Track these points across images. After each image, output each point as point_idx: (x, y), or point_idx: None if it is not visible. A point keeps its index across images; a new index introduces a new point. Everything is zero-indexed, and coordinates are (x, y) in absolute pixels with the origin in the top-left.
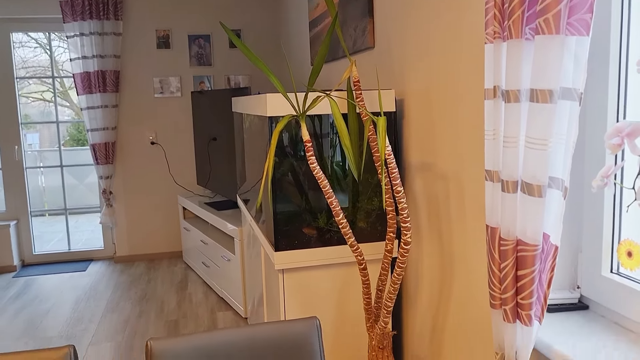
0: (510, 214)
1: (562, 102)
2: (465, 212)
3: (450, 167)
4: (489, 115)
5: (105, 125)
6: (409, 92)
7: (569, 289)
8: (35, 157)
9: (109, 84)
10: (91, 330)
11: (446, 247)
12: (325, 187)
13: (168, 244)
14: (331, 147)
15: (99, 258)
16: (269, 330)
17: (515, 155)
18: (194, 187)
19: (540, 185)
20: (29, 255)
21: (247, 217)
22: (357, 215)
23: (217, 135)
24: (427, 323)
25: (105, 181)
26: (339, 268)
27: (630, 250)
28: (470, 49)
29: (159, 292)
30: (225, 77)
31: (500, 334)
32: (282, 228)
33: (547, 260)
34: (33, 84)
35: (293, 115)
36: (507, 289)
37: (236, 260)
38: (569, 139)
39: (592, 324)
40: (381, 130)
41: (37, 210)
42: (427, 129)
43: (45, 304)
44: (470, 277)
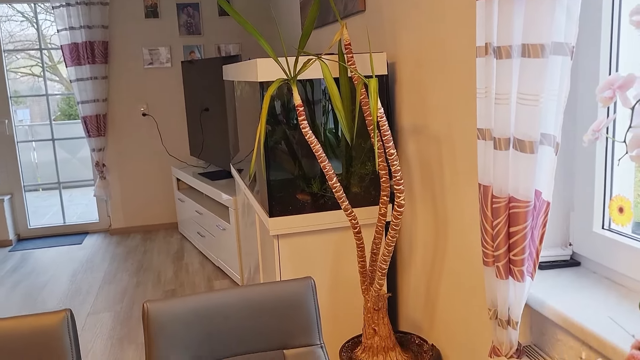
0: (503, 172)
1: (553, 57)
2: (458, 173)
3: (442, 128)
4: (481, 73)
5: (96, 97)
6: (400, 55)
7: (561, 246)
8: (26, 131)
9: (98, 55)
10: (89, 301)
11: (440, 208)
12: (318, 151)
13: (163, 216)
14: (324, 114)
15: (94, 231)
16: (265, 291)
17: (507, 112)
18: (187, 158)
19: (532, 142)
20: (24, 230)
21: (242, 186)
22: (350, 180)
23: (209, 105)
24: (421, 284)
25: (97, 154)
26: (334, 233)
27: (622, 206)
28: (462, 7)
29: (156, 263)
30: (216, 46)
31: (493, 291)
32: (276, 194)
33: (539, 217)
34: (21, 58)
35: (284, 80)
36: (500, 246)
37: (231, 229)
38: (560, 94)
39: (583, 280)
40: (373, 92)
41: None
42: (419, 91)
43: (43, 276)
44: (463, 237)
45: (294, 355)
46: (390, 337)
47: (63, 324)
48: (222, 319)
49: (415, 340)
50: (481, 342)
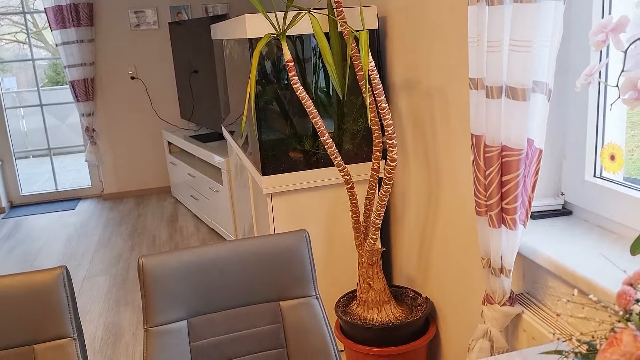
0: (495, 121)
1: (546, 1)
2: (451, 126)
3: (434, 81)
4: (472, 21)
5: (83, 61)
6: (391, 9)
7: (553, 195)
8: (13, 98)
9: (83, 17)
10: (85, 265)
11: (432, 162)
12: (309, 107)
13: (156, 179)
14: (314, 72)
15: (87, 196)
16: (259, 243)
17: (499, 60)
18: (177, 121)
19: (525, 89)
20: (17, 197)
21: (234, 147)
22: (342, 137)
23: (198, 67)
24: (414, 238)
25: (87, 119)
26: (327, 190)
27: (614, 154)
28: None
29: (150, 227)
30: (203, 6)
31: (485, 240)
32: (269, 153)
33: (532, 165)
34: (5, 25)
35: (273, 34)
36: (492, 195)
37: (225, 190)
38: (553, 40)
39: (574, 228)
40: (364, 45)
41: (20, 151)
42: (410, 45)
43: (37, 242)
44: (456, 190)
45: (290, 306)
46: (384, 291)
47: (59, 280)
48: (217, 273)
49: (410, 294)
50: (474, 292)
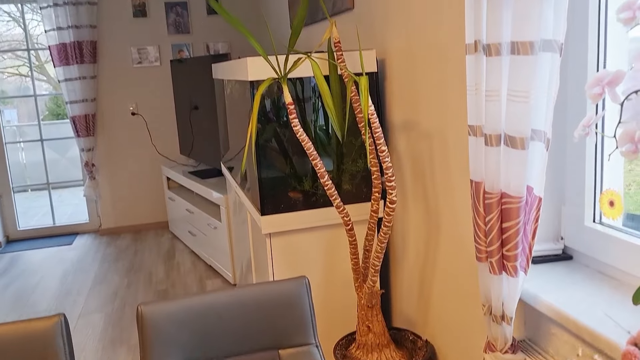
0: (494, 168)
1: (543, 54)
2: (450, 169)
3: (433, 124)
4: (471, 70)
5: (85, 97)
6: (389, 52)
7: (553, 240)
8: (14, 132)
9: (86, 54)
10: (80, 302)
11: (432, 204)
12: (309, 149)
13: (153, 215)
14: (314, 111)
15: (84, 231)
16: (259, 291)
17: (498, 109)
18: (177, 157)
19: (523, 138)
20: (14, 231)
21: (233, 184)
22: (342, 177)
23: (198, 103)
24: (414, 280)
25: (87, 154)
26: (326, 230)
27: (612, 200)
28: (451, 4)
29: (147, 263)
30: (205, 44)
31: (486, 286)
32: (268, 192)
33: (531, 212)
34: (8, 58)
35: (274, 78)
36: (493, 241)
37: (223, 227)
38: (550, 91)
39: (576, 274)
40: (364, 90)
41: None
42: (409, 88)
43: (33, 278)
44: (455, 233)
45: (289, 355)
46: (384, 334)
47: (56, 329)
48: (216, 320)
49: (410, 337)
50: (475, 337)
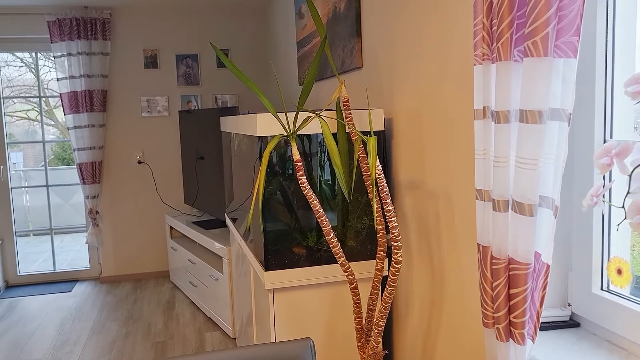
0: (502, 233)
1: (551, 122)
2: (456, 231)
3: (440, 185)
4: (479, 135)
5: (92, 145)
6: (397, 112)
7: (559, 306)
8: (19, 176)
9: (97, 103)
10: (77, 352)
11: (437, 265)
12: (315, 206)
13: (155, 264)
14: (319, 166)
15: (84, 278)
16: (262, 352)
17: (506, 175)
18: (181, 206)
19: (531, 204)
20: (14, 276)
21: (236, 236)
22: (346, 234)
23: (204, 154)
24: (418, 342)
25: (91, 201)
26: (329, 287)
27: (620, 268)
28: (459, 68)
29: (146, 313)
30: (213, 96)
31: (493, 353)
32: (272, 247)
33: (539, 279)
34: (17, 102)
35: (283, 135)
36: (500, 307)
37: (224, 279)
38: (558, 159)
39: (583, 342)
40: (372, 150)
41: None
42: (416, 148)
43: (30, 325)
44: (461, 296)
45: None
46: None
47: None
48: None
49: None
50: None
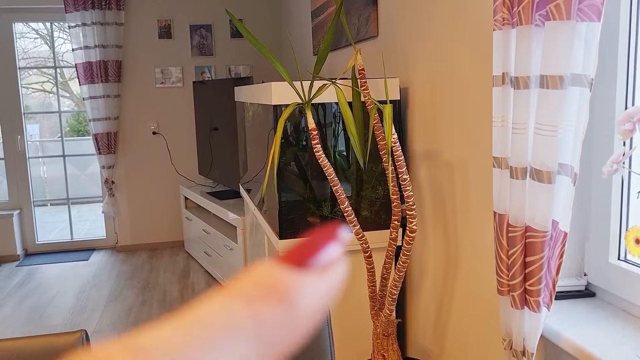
0: (519, 201)
1: (572, 88)
2: (471, 199)
3: (455, 154)
4: (497, 102)
5: (108, 115)
6: (413, 81)
7: (575, 276)
8: (36, 147)
9: (111, 74)
10: (95, 318)
11: (451, 234)
12: (330, 175)
13: (170, 234)
14: (334, 136)
15: (101, 247)
16: None
17: (525, 142)
18: (195, 177)
19: (550, 172)
20: (32, 245)
21: (250, 206)
22: (361, 204)
23: (218, 125)
24: (431, 310)
25: (107, 171)
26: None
27: (638, 237)
28: (477, 35)
29: (162, 282)
30: (227, 67)
31: (508, 321)
32: (287, 216)
33: (556, 247)
34: (33, 74)
35: (298, 104)
36: (515, 275)
37: (239, 249)
38: (578, 125)
39: (599, 311)
40: (388, 118)
41: (39, 200)
42: (432, 117)
43: (49, 292)
44: (475, 264)
45: None
46: None
47: (78, 345)
48: None
49: None
50: None
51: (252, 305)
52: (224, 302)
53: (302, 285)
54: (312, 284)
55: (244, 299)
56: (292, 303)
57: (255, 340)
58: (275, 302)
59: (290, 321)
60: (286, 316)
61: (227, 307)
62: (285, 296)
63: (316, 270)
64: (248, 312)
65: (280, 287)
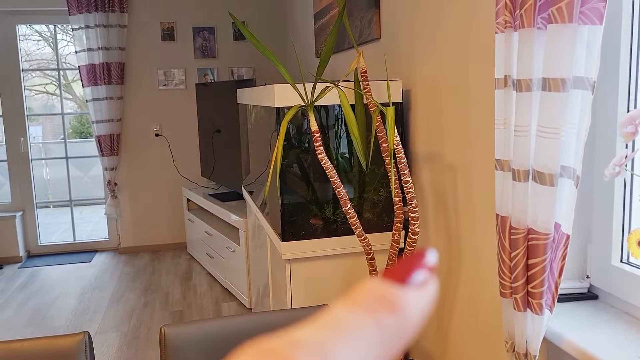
0: (521, 203)
1: (574, 91)
2: (473, 201)
3: (458, 156)
4: (500, 104)
5: (110, 117)
6: (415, 83)
7: (578, 278)
8: (39, 149)
9: (114, 76)
10: (97, 320)
11: (453, 236)
12: (333, 177)
13: (172, 235)
14: (336, 138)
15: (103, 249)
16: (279, 317)
17: (527, 144)
18: (198, 179)
19: (552, 174)
20: (35, 246)
21: (253, 208)
22: (363, 206)
23: (221, 127)
24: (433, 313)
25: (110, 173)
26: (346, 258)
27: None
28: (480, 38)
29: (164, 283)
30: (229, 69)
31: (510, 323)
32: (289, 218)
33: (558, 249)
34: (36, 76)
35: (301, 106)
36: (518, 277)
37: (241, 251)
38: (581, 128)
39: (601, 314)
40: (390, 120)
41: (42, 201)
42: (434, 119)
43: (51, 294)
44: (478, 266)
45: None
46: None
47: (80, 346)
48: (236, 345)
49: None
50: None
51: (373, 313)
52: (350, 310)
53: (408, 298)
54: (415, 297)
55: (366, 309)
56: (403, 313)
57: (377, 344)
58: (390, 312)
59: (402, 328)
60: (399, 324)
61: (353, 314)
62: (398, 307)
63: (416, 286)
64: (370, 319)
65: (392, 299)
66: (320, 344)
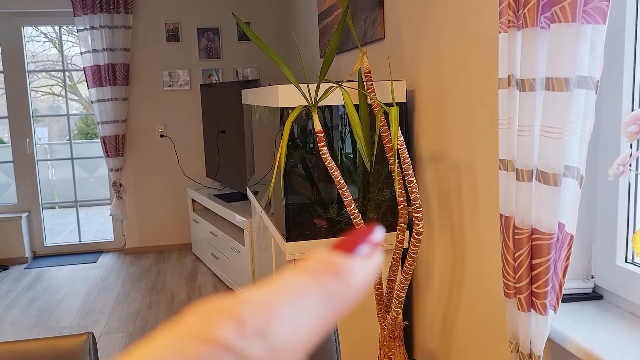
0: (525, 203)
1: (577, 90)
2: (477, 201)
3: (462, 156)
4: (503, 104)
5: (116, 118)
6: (419, 83)
7: (582, 278)
8: (45, 150)
9: (119, 77)
10: (102, 321)
11: (458, 236)
12: (337, 177)
13: (177, 236)
14: (340, 139)
15: (109, 250)
16: None
17: (530, 144)
18: (203, 180)
19: (556, 174)
20: (40, 247)
21: (257, 209)
22: (367, 206)
23: (226, 127)
24: (438, 313)
25: (115, 173)
26: None
27: None
28: (483, 38)
29: (169, 284)
30: (234, 69)
31: (514, 323)
32: (293, 219)
33: (563, 249)
34: (42, 78)
35: (305, 106)
36: (522, 277)
37: (246, 251)
38: (584, 128)
39: (606, 314)
40: (394, 120)
41: (47, 202)
42: (438, 120)
43: (57, 295)
44: (482, 267)
45: None
46: None
47: (84, 347)
48: None
49: None
50: None
51: (318, 278)
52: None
53: (352, 266)
54: (359, 266)
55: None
56: (346, 279)
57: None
58: (334, 277)
59: (344, 293)
60: (342, 288)
61: (299, 278)
62: (341, 273)
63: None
64: (314, 281)
65: (337, 266)
66: (266, 302)
